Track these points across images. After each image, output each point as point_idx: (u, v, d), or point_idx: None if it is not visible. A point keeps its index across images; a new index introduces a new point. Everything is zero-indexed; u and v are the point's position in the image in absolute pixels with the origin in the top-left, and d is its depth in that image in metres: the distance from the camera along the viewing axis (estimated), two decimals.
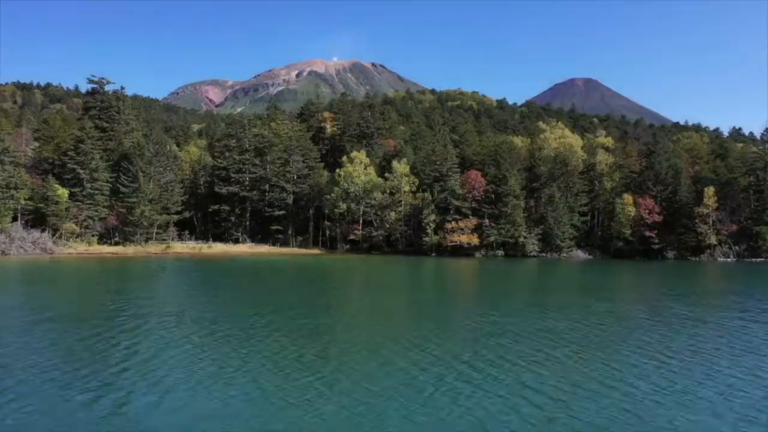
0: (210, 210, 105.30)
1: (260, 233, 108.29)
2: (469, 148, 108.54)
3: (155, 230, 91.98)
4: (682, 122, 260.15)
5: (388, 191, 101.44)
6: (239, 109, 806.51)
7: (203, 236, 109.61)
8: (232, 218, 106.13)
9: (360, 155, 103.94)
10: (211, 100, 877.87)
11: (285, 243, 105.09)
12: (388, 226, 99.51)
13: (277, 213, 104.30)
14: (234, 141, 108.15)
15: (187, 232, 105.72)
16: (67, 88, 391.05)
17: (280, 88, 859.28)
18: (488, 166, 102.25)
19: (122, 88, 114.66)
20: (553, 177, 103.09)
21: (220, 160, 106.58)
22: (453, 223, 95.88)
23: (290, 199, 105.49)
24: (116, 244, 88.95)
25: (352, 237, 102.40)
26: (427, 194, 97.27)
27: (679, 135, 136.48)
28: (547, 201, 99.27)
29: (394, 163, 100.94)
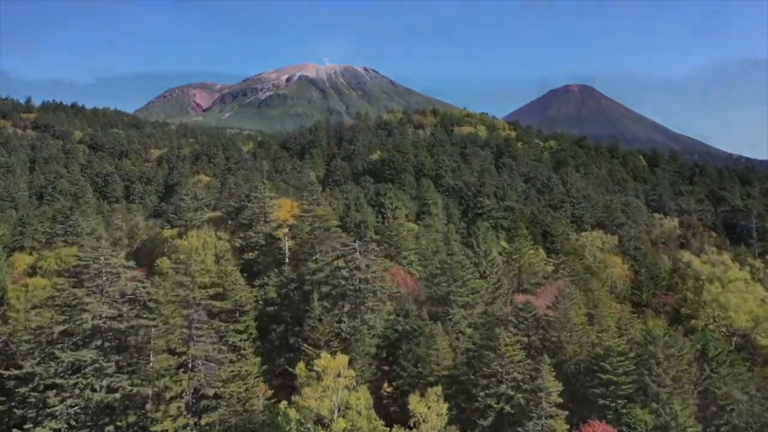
0: None
1: None
2: (570, 346, 47.00)
3: None
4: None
5: None
6: (227, 115, 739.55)
7: None
8: None
9: (337, 362, 44.40)
10: (198, 105, 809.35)
11: None
12: None
13: None
14: (64, 318, 47.43)
15: None
16: (17, 101, 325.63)
17: (270, 93, 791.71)
18: (616, 398, 43.65)
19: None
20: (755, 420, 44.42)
21: (24, 362, 46.12)
22: None
23: None
24: None
25: None
26: None
27: None
28: None
29: (413, 401, 41.51)
